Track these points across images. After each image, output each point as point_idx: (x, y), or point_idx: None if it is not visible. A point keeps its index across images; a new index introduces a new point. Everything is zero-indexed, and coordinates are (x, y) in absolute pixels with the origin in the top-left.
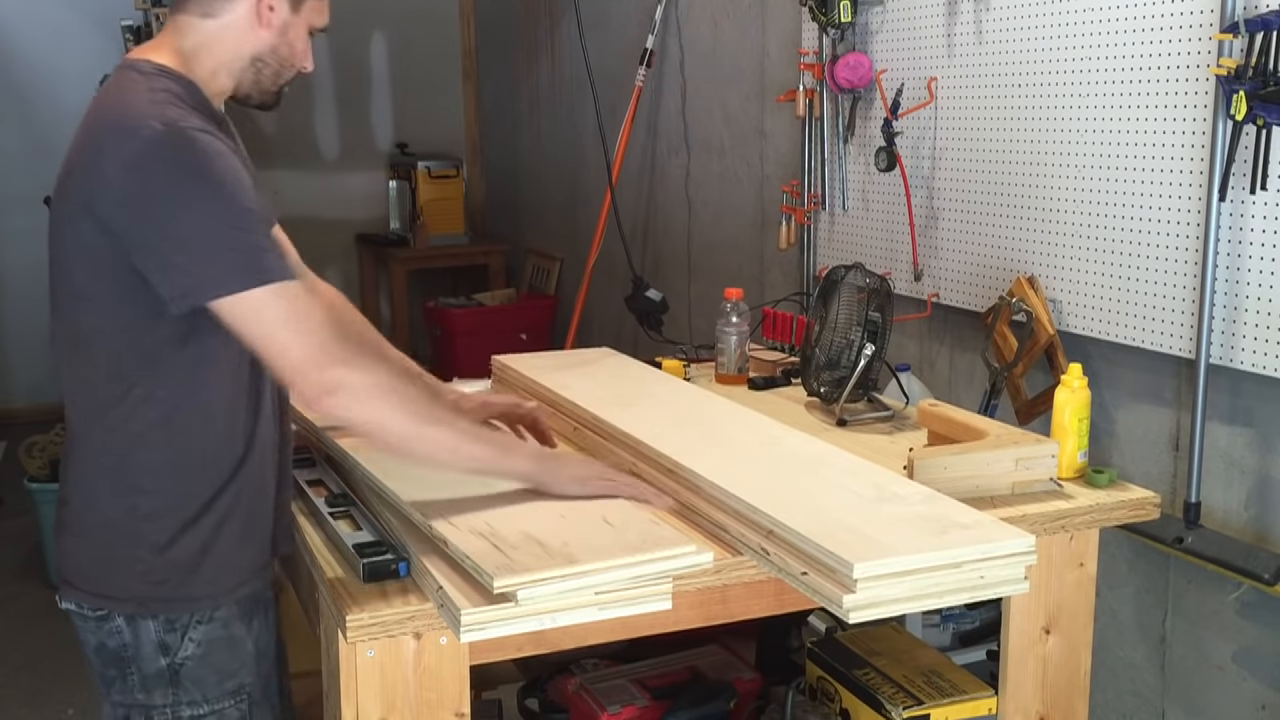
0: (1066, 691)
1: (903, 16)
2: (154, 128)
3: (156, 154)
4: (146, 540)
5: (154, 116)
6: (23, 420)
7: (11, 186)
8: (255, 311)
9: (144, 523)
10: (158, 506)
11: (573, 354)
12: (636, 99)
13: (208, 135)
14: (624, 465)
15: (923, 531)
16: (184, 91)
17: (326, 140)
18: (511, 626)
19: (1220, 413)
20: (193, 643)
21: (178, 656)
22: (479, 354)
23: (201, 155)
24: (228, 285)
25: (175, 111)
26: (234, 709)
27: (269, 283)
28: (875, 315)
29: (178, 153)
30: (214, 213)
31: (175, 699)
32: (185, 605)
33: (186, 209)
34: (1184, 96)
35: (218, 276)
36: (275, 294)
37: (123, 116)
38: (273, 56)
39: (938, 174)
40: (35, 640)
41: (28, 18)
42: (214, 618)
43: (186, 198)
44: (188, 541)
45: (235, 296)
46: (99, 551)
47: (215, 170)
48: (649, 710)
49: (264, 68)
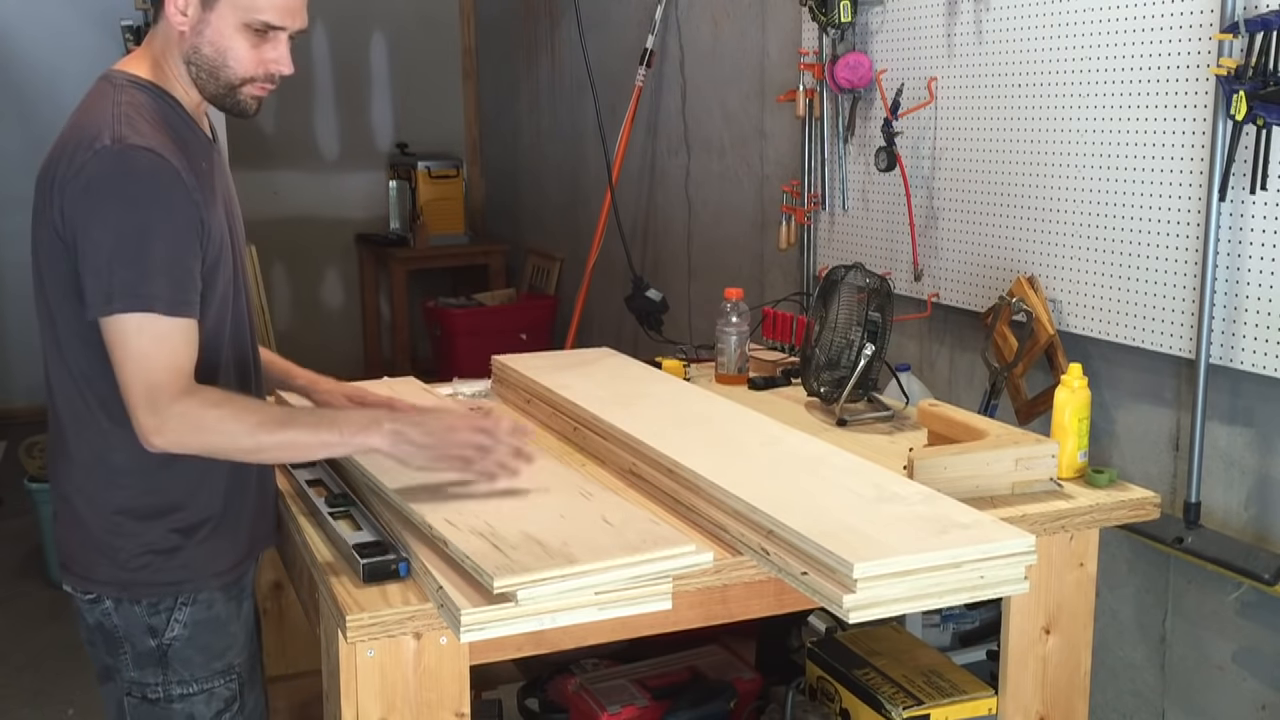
0: (1066, 691)
1: (903, 16)
2: (104, 143)
3: (96, 169)
4: (123, 530)
5: (108, 132)
6: (23, 420)
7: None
8: (118, 337)
9: (120, 514)
10: (132, 499)
11: (573, 354)
12: (636, 99)
13: (154, 155)
14: (624, 465)
15: (923, 531)
16: (152, 103)
17: (326, 140)
18: (511, 626)
19: (1220, 413)
20: (179, 624)
21: (165, 638)
22: (479, 354)
23: (134, 174)
24: (106, 305)
25: (131, 128)
26: (224, 688)
27: (147, 310)
28: (875, 315)
29: (114, 171)
30: (120, 232)
31: (166, 678)
32: (167, 589)
33: (102, 225)
34: (1184, 96)
35: (103, 295)
36: (138, 324)
37: (83, 129)
38: (198, 57)
39: (938, 174)
40: (36, 640)
41: (28, 18)
42: (197, 600)
43: (104, 215)
44: (163, 531)
45: (109, 319)
46: (82, 539)
47: (141, 191)
48: (649, 710)
49: (199, 71)
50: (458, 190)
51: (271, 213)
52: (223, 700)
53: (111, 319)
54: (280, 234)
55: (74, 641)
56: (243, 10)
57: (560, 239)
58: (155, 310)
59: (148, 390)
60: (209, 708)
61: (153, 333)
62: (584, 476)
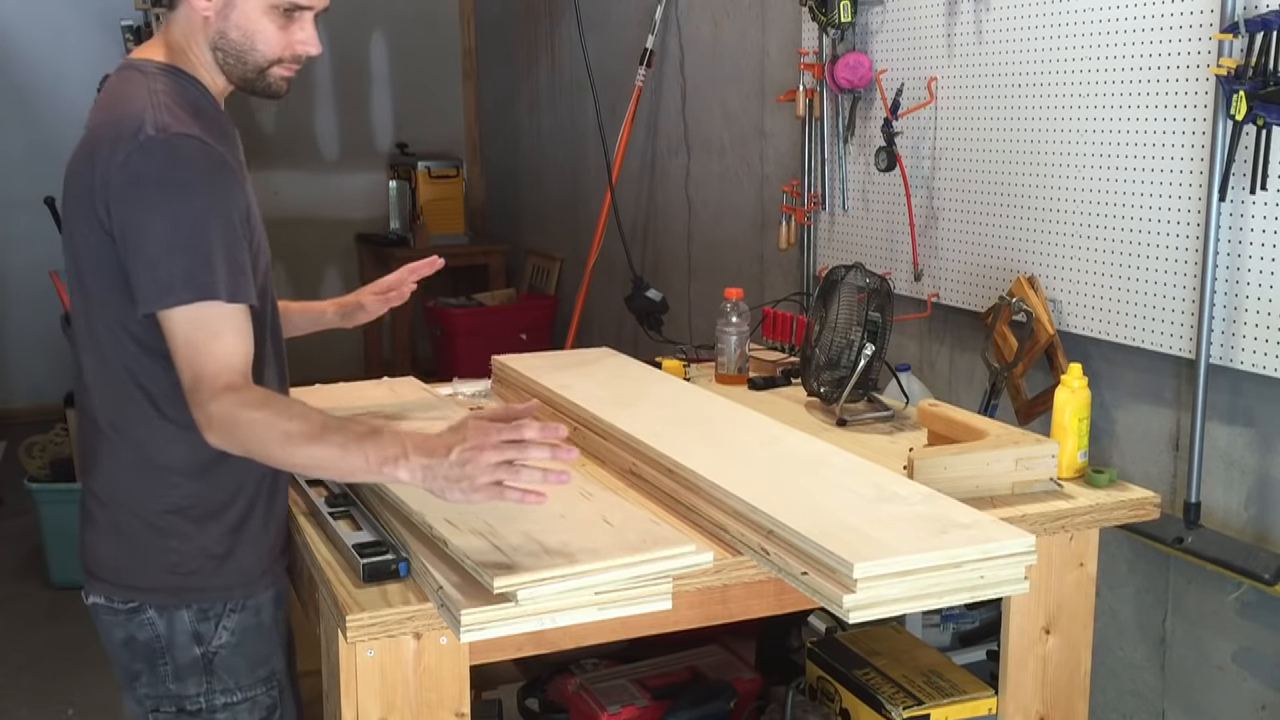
0: (1066, 691)
1: (903, 16)
2: (147, 133)
3: (143, 160)
4: (176, 531)
5: (149, 121)
6: (23, 420)
7: (12, 188)
8: (176, 327)
9: (172, 515)
10: (185, 499)
11: (573, 354)
12: (636, 99)
13: (199, 143)
14: (624, 465)
15: (923, 531)
16: (183, 91)
17: (326, 140)
18: (511, 626)
19: (1220, 413)
20: (227, 631)
21: (212, 645)
22: (479, 354)
23: (182, 162)
24: (166, 297)
25: (172, 116)
26: (266, 695)
27: (207, 298)
28: (875, 315)
29: (162, 160)
30: (173, 222)
31: (209, 688)
32: (219, 594)
33: (153, 216)
34: (1184, 96)
35: (161, 287)
36: (197, 314)
37: (120, 120)
38: (225, 41)
39: (938, 174)
40: (36, 640)
41: (28, 18)
42: (246, 605)
43: (156, 206)
44: (217, 531)
45: (168, 311)
46: (128, 544)
47: (191, 179)
48: (649, 710)
49: (226, 55)
50: (458, 190)
51: (271, 213)
52: (264, 709)
53: (170, 312)
54: (280, 234)
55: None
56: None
57: (560, 239)
58: (217, 298)
59: (194, 383)
60: (251, 716)
61: (202, 320)
62: (584, 476)
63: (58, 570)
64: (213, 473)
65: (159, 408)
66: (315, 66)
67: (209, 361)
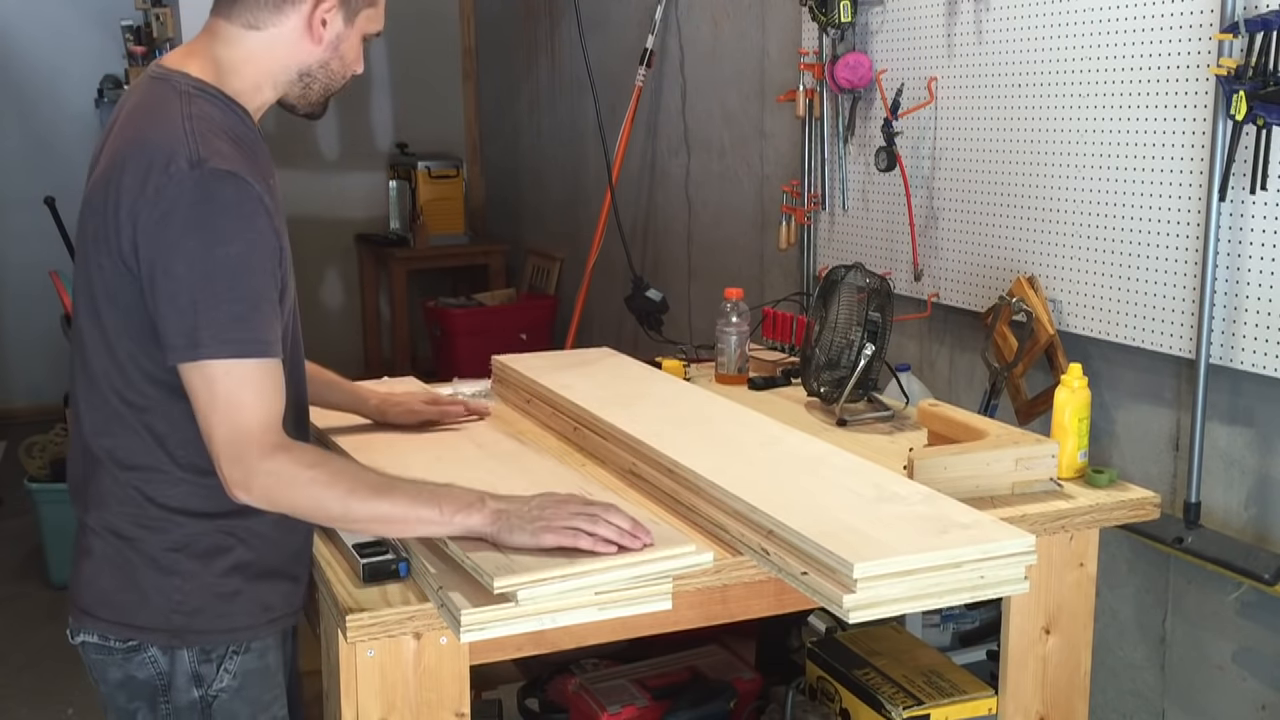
0: (1066, 691)
1: (903, 16)
2: (180, 165)
3: (176, 196)
4: (179, 569)
5: (184, 153)
6: (23, 420)
7: (11, 187)
8: (202, 381)
9: (175, 553)
10: (188, 536)
11: (573, 354)
12: (636, 99)
13: (237, 180)
14: (624, 465)
15: (923, 531)
16: (225, 116)
17: (326, 140)
18: (511, 626)
19: (1220, 413)
20: (228, 674)
21: (211, 688)
22: (479, 354)
23: (218, 202)
24: (192, 350)
25: (209, 148)
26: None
27: (236, 356)
28: (875, 315)
29: (195, 199)
30: (206, 268)
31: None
32: (223, 637)
33: (183, 261)
34: (1184, 96)
35: (188, 338)
36: (226, 369)
37: (151, 144)
38: (322, 71)
39: (938, 174)
40: (36, 640)
41: (28, 18)
42: (251, 647)
43: (186, 249)
44: (224, 571)
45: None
46: (126, 580)
47: (226, 220)
48: (649, 710)
49: (312, 81)
50: (458, 190)
51: None
52: None
53: (196, 365)
54: None
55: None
56: (373, 23)
57: (560, 239)
58: (247, 355)
59: (235, 442)
60: None
61: (241, 377)
62: (584, 476)
63: (58, 570)
64: (215, 510)
65: (167, 449)
66: None
67: (251, 420)
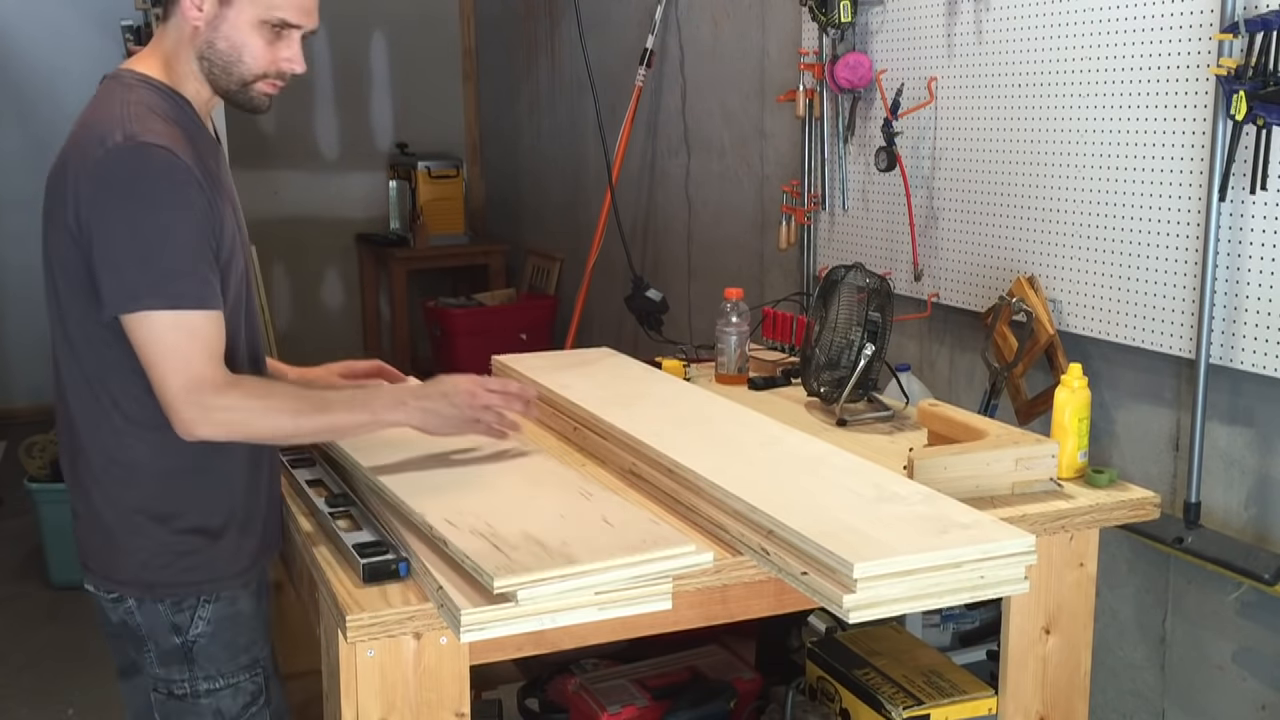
0: (1066, 691)
1: (903, 16)
2: (116, 140)
3: (110, 165)
4: (143, 530)
5: (120, 130)
6: (23, 420)
7: (11, 187)
8: (147, 333)
9: (138, 514)
10: (148, 499)
11: (573, 354)
12: (636, 99)
13: (165, 152)
14: (624, 465)
15: (923, 531)
16: (162, 102)
17: (326, 140)
18: (511, 626)
19: (1220, 413)
20: (203, 621)
21: (189, 635)
22: (479, 354)
23: (149, 171)
24: (131, 302)
25: (142, 125)
26: (249, 682)
27: (176, 308)
28: (875, 315)
29: (127, 166)
30: (140, 229)
31: (191, 675)
32: (190, 589)
33: (119, 222)
34: (1184, 96)
35: (127, 291)
36: (172, 321)
37: (93, 129)
38: (212, 52)
39: (938, 174)
40: (36, 640)
41: (28, 18)
42: (221, 597)
43: (120, 212)
44: (182, 532)
45: (135, 315)
46: (104, 540)
47: (158, 188)
48: (649, 710)
49: (212, 66)
50: (458, 190)
51: (271, 213)
52: (249, 694)
53: (138, 316)
54: (280, 234)
55: (74, 641)
56: (261, 7)
57: (560, 239)
58: (184, 306)
59: (190, 383)
60: (235, 702)
61: (187, 327)
62: (584, 476)
63: (58, 570)
64: (177, 477)
65: (122, 409)
66: (315, 67)
67: (202, 366)
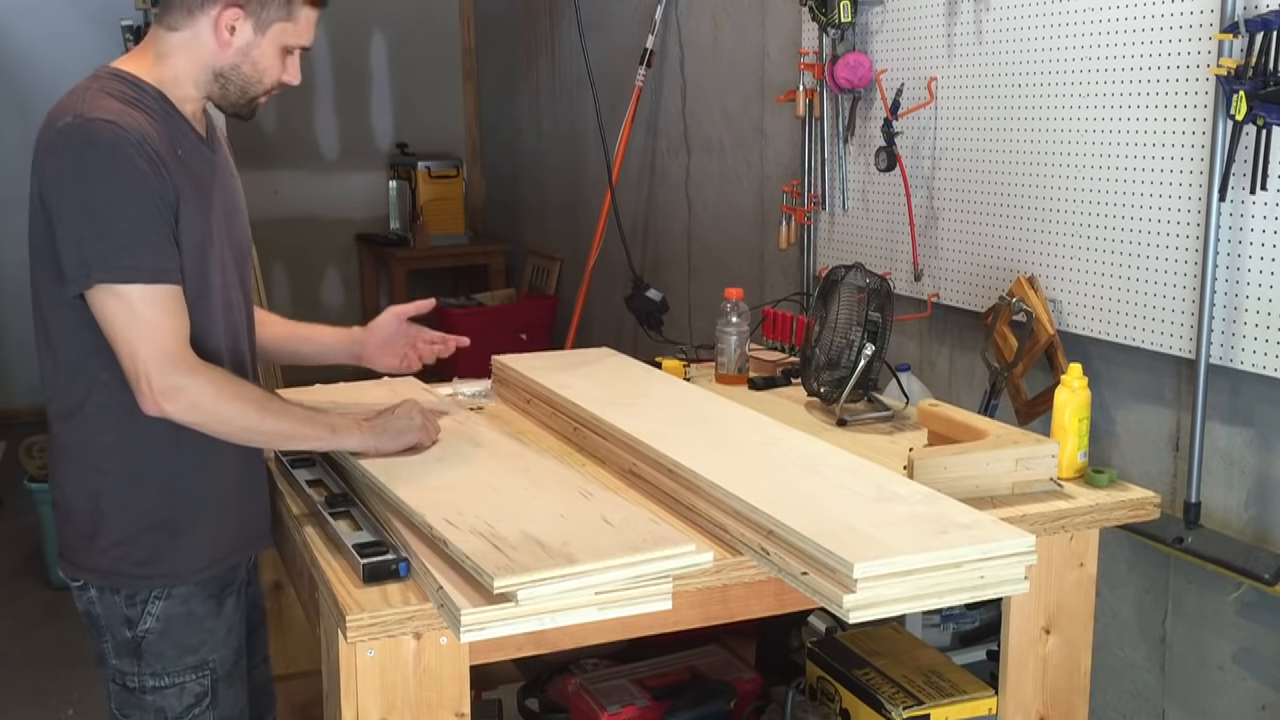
0: (1066, 691)
1: (903, 16)
2: (68, 121)
3: (60, 144)
4: (105, 519)
5: (75, 110)
6: (23, 420)
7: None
8: (112, 308)
9: (101, 502)
10: (112, 486)
11: (573, 354)
12: (636, 99)
13: (113, 126)
14: (624, 465)
15: (923, 531)
16: (127, 90)
17: (326, 140)
18: (511, 626)
19: (1220, 413)
20: (151, 617)
21: (139, 629)
22: (479, 354)
23: (95, 144)
24: (88, 278)
25: (94, 106)
26: (195, 683)
27: (132, 282)
28: (875, 315)
29: (74, 143)
30: (90, 202)
31: (140, 669)
32: (142, 582)
33: (69, 198)
34: (1184, 96)
35: (85, 267)
36: (136, 295)
37: (52, 116)
38: (235, 73)
39: (938, 174)
40: (35, 640)
41: (28, 17)
42: (172, 594)
43: (70, 188)
44: (144, 524)
45: (98, 289)
46: (71, 527)
47: (104, 160)
48: (649, 710)
49: (228, 83)
50: (458, 190)
51: (271, 213)
52: (193, 695)
53: (96, 291)
54: (280, 234)
55: (74, 641)
56: (290, 36)
57: (560, 239)
58: (139, 280)
59: (161, 360)
60: (179, 702)
61: (152, 300)
62: (584, 476)
63: (57, 570)
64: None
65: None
66: (315, 67)
67: (171, 339)
